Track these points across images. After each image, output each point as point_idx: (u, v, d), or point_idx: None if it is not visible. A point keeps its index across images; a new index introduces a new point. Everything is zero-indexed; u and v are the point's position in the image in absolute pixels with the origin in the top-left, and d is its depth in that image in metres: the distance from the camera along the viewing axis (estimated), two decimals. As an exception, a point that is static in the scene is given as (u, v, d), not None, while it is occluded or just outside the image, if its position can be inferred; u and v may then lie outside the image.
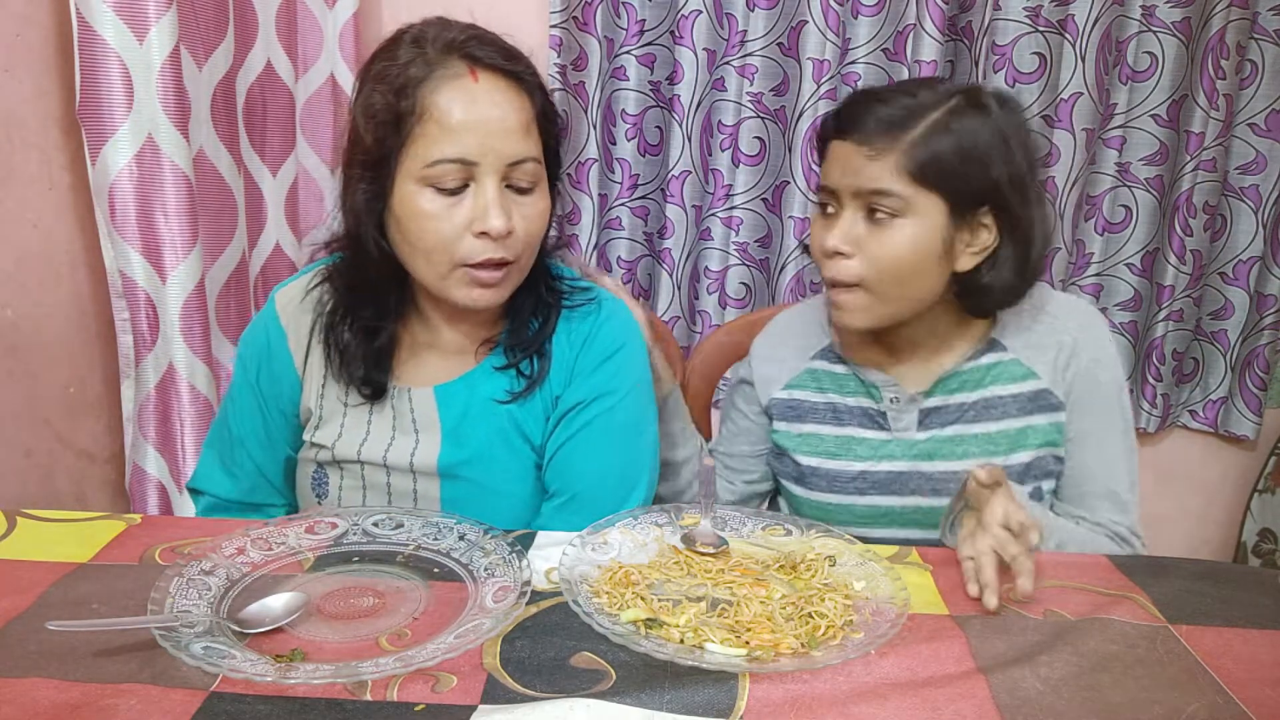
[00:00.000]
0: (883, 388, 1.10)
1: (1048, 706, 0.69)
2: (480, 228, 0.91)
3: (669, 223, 1.94)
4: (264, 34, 1.61)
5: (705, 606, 0.80)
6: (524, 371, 1.03)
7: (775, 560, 0.88)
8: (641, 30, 1.86)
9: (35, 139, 1.31)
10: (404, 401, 1.03)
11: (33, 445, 1.35)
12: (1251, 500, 2.07)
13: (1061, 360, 1.08)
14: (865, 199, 0.99)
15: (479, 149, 0.90)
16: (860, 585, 0.84)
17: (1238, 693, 0.71)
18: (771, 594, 0.82)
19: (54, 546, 0.87)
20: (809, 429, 1.14)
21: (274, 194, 1.71)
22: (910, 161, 0.96)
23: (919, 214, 0.98)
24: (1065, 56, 1.81)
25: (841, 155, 1.00)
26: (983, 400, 1.08)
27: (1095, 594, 0.86)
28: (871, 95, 1.02)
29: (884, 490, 1.10)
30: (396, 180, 0.92)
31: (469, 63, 0.91)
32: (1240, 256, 1.96)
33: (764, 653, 0.73)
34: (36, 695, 0.66)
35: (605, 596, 0.80)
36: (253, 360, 1.06)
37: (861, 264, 1.00)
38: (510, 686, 0.69)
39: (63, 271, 1.38)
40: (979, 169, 0.97)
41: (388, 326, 1.01)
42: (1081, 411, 1.08)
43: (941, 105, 0.98)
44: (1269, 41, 1.83)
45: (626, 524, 0.93)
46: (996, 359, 1.08)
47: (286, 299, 1.06)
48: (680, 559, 0.87)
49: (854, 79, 1.81)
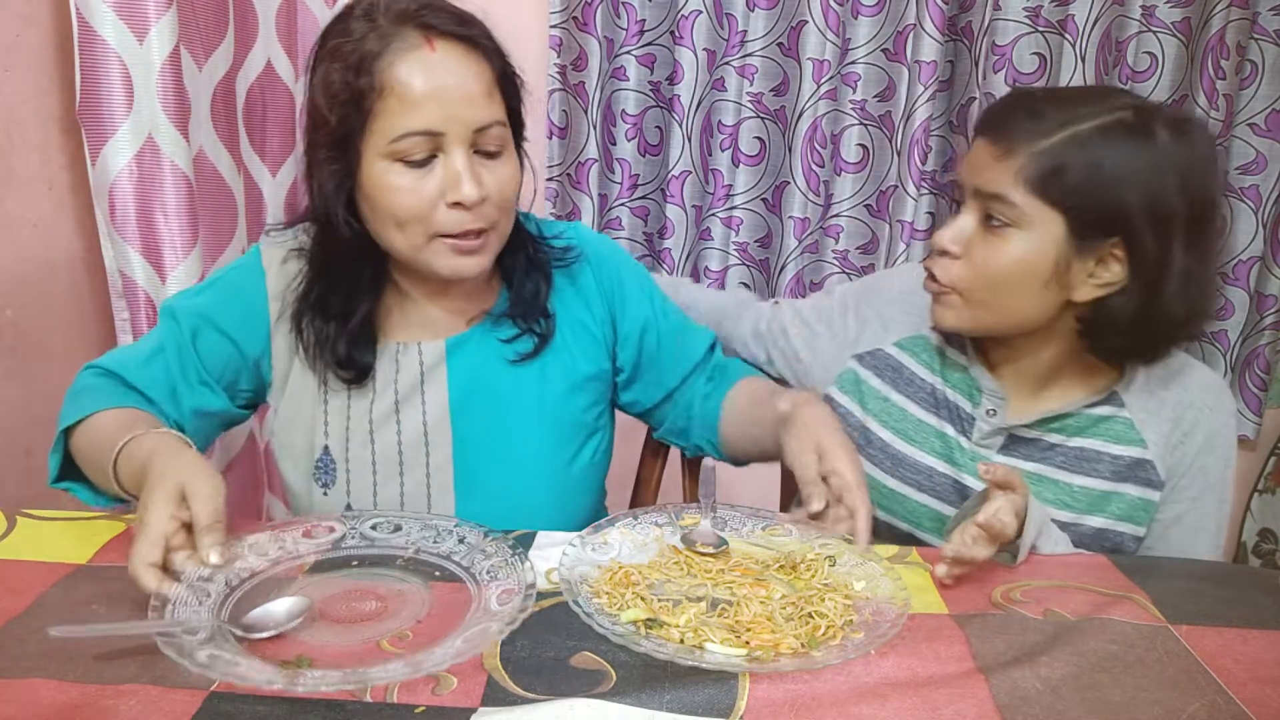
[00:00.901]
0: (986, 395, 1.03)
1: (1048, 706, 0.69)
2: (453, 198, 0.90)
3: (669, 223, 1.94)
4: (264, 34, 1.61)
5: (705, 607, 0.80)
6: (537, 330, 1.04)
7: (775, 560, 0.88)
8: (641, 30, 1.86)
9: (35, 139, 1.31)
10: (410, 354, 1.02)
11: (33, 445, 1.35)
12: (1251, 500, 2.07)
13: (1176, 436, 1.00)
14: (983, 202, 0.93)
15: (443, 119, 0.89)
16: (860, 585, 0.84)
17: (1238, 693, 0.71)
18: (771, 594, 0.82)
19: (54, 547, 0.87)
20: (898, 399, 1.07)
21: (274, 194, 1.71)
22: (1033, 169, 0.89)
23: (1033, 228, 0.91)
24: (1065, 56, 1.80)
25: (975, 151, 0.95)
26: (1080, 450, 1.00)
27: (1095, 594, 0.86)
28: (1024, 95, 0.96)
29: (943, 497, 1.05)
30: (363, 157, 0.91)
31: (424, 32, 0.89)
32: (1240, 256, 1.95)
33: (764, 653, 0.73)
34: (36, 695, 0.66)
35: (605, 597, 0.80)
36: (218, 291, 1.03)
37: (964, 268, 0.95)
38: (510, 688, 0.69)
39: (63, 271, 1.38)
40: (1111, 193, 0.88)
41: (361, 307, 1.00)
42: (1179, 498, 1.01)
43: (1097, 118, 0.89)
44: (1269, 41, 1.82)
45: (626, 524, 0.93)
46: (1110, 413, 1.00)
47: (270, 252, 1.03)
48: (680, 559, 0.87)
49: (854, 79, 1.81)
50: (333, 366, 1.00)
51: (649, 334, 1.12)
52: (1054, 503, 1.00)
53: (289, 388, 1.03)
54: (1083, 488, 1.00)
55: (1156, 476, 0.99)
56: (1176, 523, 1.01)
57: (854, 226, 1.87)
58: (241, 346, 1.02)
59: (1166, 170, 0.88)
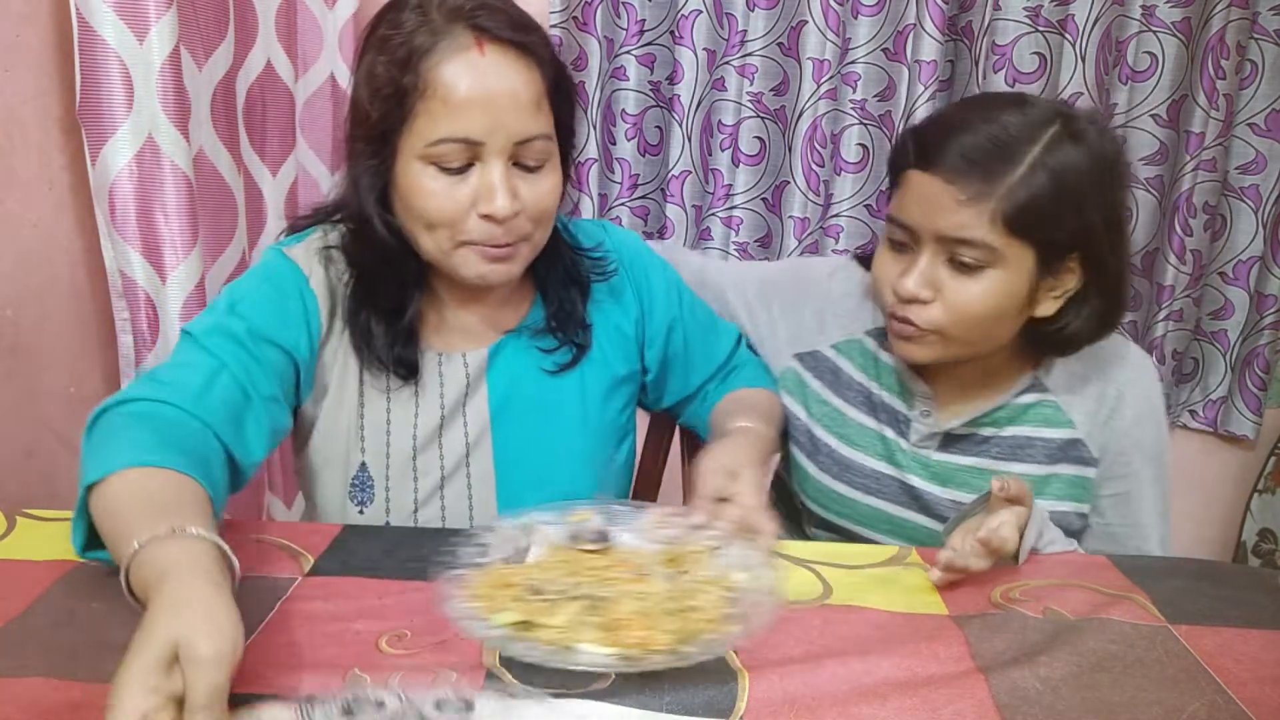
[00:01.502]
0: (919, 399, 1.04)
1: (1047, 706, 0.69)
2: (485, 209, 0.88)
3: (669, 223, 1.94)
4: (264, 34, 1.61)
5: (582, 606, 0.75)
6: (576, 340, 1.03)
7: (661, 555, 0.85)
8: (641, 30, 1.86)
9: (35, 139, 1.31)
10: (454, 365, 1.00)
11: (33, 445, 1.35)
12: (1251, 500, 2.07)
13: (1103, 414, 1.01)
14: (949, 246, 0.89)
15: (485, 128, 0.86)
16: (741, 577, 0.81)
17: (1238, 693, 0.71)
18: (650, 590, 0.78)
19: (53, 546, 0.87)
20: (837, 403, 1.08)
21: (274, 194, 1.71)
22: (1006, 211, 0.86)
23: (1007, 265, 0.89)
24: (1065, 56, 1.81)
25: (925, 192, 0.90)
26: (1014, 439, 1.02)
27: (1095, 594, 0.86)
28: (956, 123, 0.91)
29: (892, 499, 1.07)
30: (399, 155, 0.88)
31: (476, 33, 0.85)
32: (1240, 256, 1.95)
33: (636, 651, 0.70)
34: (36, 695, 0.66)
35: (482, 600, 0.75)
36: (265, 304, 0.92)
37: (940, 311, 0.92)
38: (510, 682, 0.69)
39: (63, 271, 1.38)
40: (1074, 214, 0.87)
41: (412, 302, 0.96)
42: (1116, 473, 1.03)
43: (1038, 139, 0.87)
44: (1269, 41, 1.82)
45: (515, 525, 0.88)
46: (1036, 399, 1.02)
47: (299, 255, 0.96)
48: (564, 557, 0.83)
49: (854, 79, 1.81)
50: (389, 365, 0.96)
51: (675, 333, 1.11)
52: None
53: (327, 400, 0.98)
54: (1022, 473, 1.00)
55: (1089, 454, 1.01)
56: (1122, 498, 1.03)
57: (854, 226, 1.87)
58: (294, 354, 0.94)
59: (1105, 171, 0.89)
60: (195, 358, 0.88)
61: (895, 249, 0.96)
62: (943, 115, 0.96)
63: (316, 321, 0.95)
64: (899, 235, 0.94)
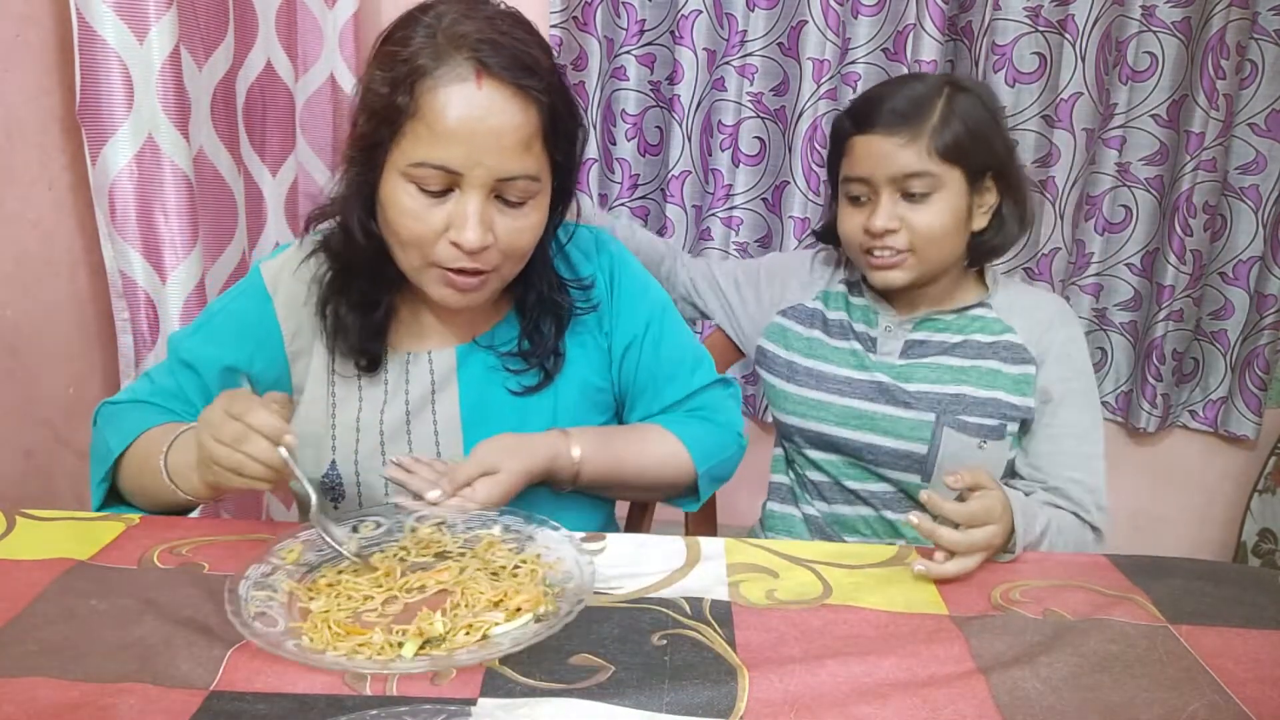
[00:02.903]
0: (882, 314, 1.24)
1: (1048, 706, 0.69)
2: (455, 238, 0.89)
3: (669, 223, 1.94)
4: (264, 34, 1.61)
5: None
6: (546, 367, 1.03)
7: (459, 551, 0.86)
8: (641, 30, 1.86)
9: (35, 139, 1.31)
10: (421, 365, 1.01)
11: (33, 445, 1.35)
12: (1251, 500, 2.07)
13: (1038, 329, 1.19)
14: (900, 183, 1.12)
15: (465, 160, 0.86)
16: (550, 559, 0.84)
17: (1238, 693, 0.71)
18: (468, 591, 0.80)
19: (53, 546, 0.87)
20: (816, 335, 1.26)
21: (274, 194, 1.72)
22: (936, 143, 1.11)
23: (947, 187, 1.13)
24: (1065, 56, 1.81)
25: (871, 148, 1.13)
26: (963, 342, 1.20)
27: (1095, 594, 0.86)
28: (881, 93, 1.16)
29: (862, 396, 1.20)
30: (385, 168, 0.90)
31: (476, 65, 0.86)
32: (1240, 256, 1.96)
33: (445, 654, 0.72)
34: (36, 695, 0.66)
35: (307, 638, 0.73)
36: (228, 331, 1.01)
37: (908, 236, 1.14)
38: (510, 677, 0.69)
39: (63, 271, 1.38)
40: (984, 143, 1.13)
41: (384, 299, 0.99)
42: (1054, 376, 1.17)
43: (941, 92, 1.13)
44: (1269, 41, 1.83)
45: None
46: (981, 314, 1.21)
47: (272, 271, 1.02)
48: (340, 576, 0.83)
49: (854, 79, 1.81)
50: (351, 354, 0.99)
51: (630, 356, 1.08)
52: (953, 381, 1.18)
53: (301, 406, 1.02)
54: (972, 366, 1.18)
55: (1029, 355, 1.18)
56: (1062, 401, 1.17)
57: (854, 226, 1.87)
58: (261, 379, 1.00)
59: (994, 111, 1.16)
60: (167, 382, 1.02)
61: (853, 204, 1.18)
62: (863, 97, 1.19)
63: (277, 338, 1.01)
64: (856, 190, 1.17)
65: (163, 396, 1.01)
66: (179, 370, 1.02)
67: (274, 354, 1.02)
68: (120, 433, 0.96)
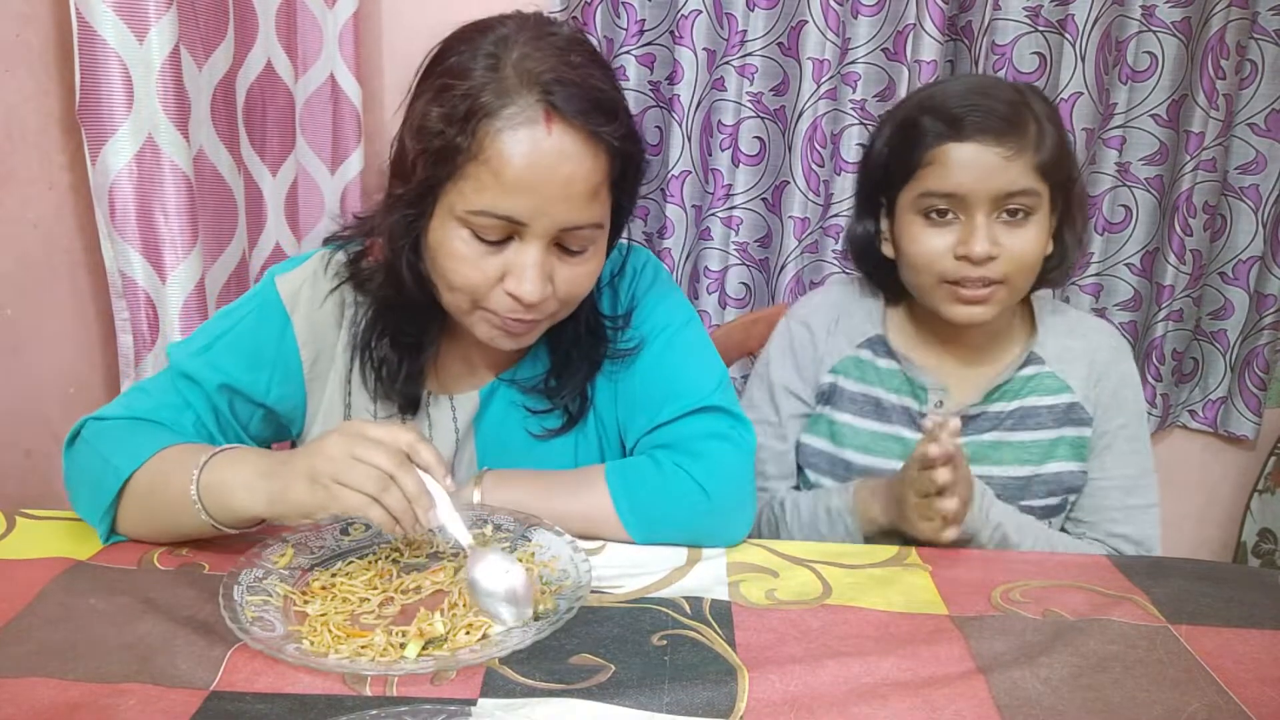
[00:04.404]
0: (931, 391, 1.10)
1: (1048, 707, 0.69)
2: (512, 290, 0.83)
3: (669, 223, 1.94)
4: (264, 34, 1.61)
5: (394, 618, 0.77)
6: (571, 410, 0.97)
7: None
8: (641, 30, 1.86)
9: (35, 139, 1.31)
10: (444, 410, 0.97)
11: (33, 445, 1.35)
12: (1251, 500, 2.07)
13: (1093, 377, 1.10)
14: (1002, 201, 0.99)
15: (530, 211, 0.80)
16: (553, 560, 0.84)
17: (1238, 693, 0.71)
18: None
19: (53, 546, 0.87)
20: (845, 419, 1.12)
21: (274, 194, 1.71)
22: (1039, 158, 0.99)
23: (1043, 208, 1.01)
24: (1065, 56, 1.80)
25: (969, 159, 0.99)
26: (1020, 409, 1.09)
27: (1095, 594, 0.86)
28: (968, 98, 1.00)
29: None
30: (436, 209, 0.83)
31: (547, 107, 0.78)
32: (1240, 256, 1.96)
33: (449, 654, 0.72)
34: (36, 695, 0.66)
35: (307, 641, 0.74)
36: (242, 351, 0.93)
37: (1003, 264, 1.00)
38: (510, 677, 0.69)
39: (63, 271, 1.38)
40: (1070, 158, 1.03)
41: (430, 344, 0.94)
42: (1106, 427, 1.09)
43: (1029, 99, 1.01)
44: (1269, 41, 1.83)
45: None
46: (1035, 371, 1.10)
47: (291, 288, 0.94)
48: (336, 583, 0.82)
49: (854, 79, 1.81)
50: (397, 399, 0.94)
51: (622, 383, 0.99)
52: (1014, 461, 1.08)
53: (315, 428, 0.97)
54: (1034, 441, 1.09)
55: (1086, 414, 1.09)
56: (1109, 449, 1.09)
57: (854, 226, 1.87)
58: (267, 403, 0.94)
59: (1060, 123, 1.04)
60: (169, 399, 0.92)
61: (934, 224, 1.03)
62: (946, 95, 1.02)
63: (296, 363, 0.94)
64: (941, 205, 1.01)
65: (166, 413, 0.91)
66: (184, 385, 0.92)
67: (292, 380, 0.95)
68: (127, 452, 0.85)
